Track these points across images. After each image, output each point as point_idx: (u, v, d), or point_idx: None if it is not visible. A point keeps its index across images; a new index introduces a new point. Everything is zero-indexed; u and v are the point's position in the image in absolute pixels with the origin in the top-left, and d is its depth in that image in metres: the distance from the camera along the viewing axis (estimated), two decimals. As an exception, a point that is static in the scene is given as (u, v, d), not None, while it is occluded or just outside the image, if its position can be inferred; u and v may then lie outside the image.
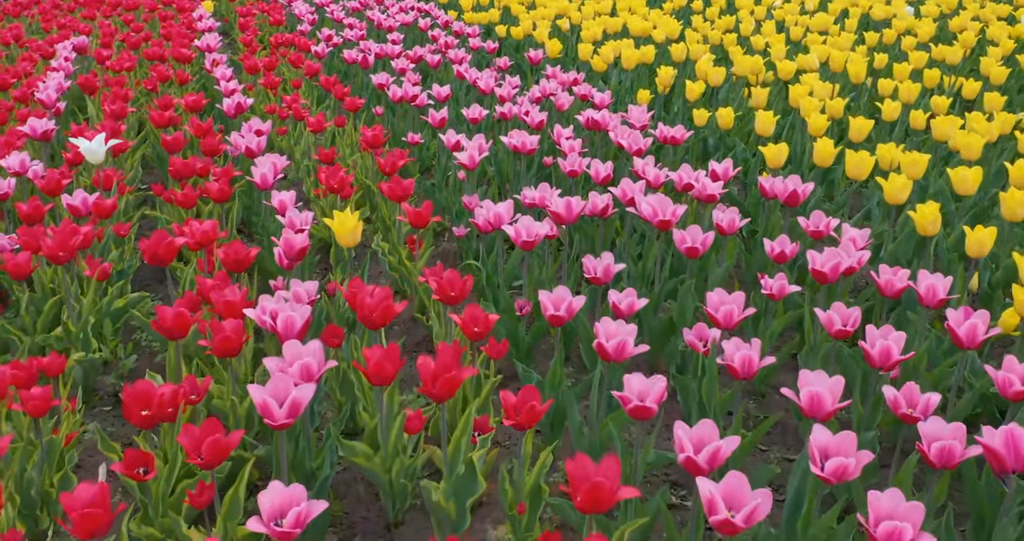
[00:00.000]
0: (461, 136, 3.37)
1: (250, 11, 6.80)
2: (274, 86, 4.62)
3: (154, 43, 5.48)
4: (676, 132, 3.33)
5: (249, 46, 5.55)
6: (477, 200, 3.09)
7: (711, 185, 2.73)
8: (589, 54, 4.60)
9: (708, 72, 4.01)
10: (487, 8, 6.87)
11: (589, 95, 4.05)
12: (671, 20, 5.38)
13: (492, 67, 5.17)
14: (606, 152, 3.72)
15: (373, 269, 3.33)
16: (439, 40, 5.53)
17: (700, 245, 2.31)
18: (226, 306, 2.13)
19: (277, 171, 3.04)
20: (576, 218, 2.52)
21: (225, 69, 4.55)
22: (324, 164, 3.60)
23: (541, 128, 3.67)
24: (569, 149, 3.29)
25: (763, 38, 4.82)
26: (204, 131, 3.67)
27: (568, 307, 2.00)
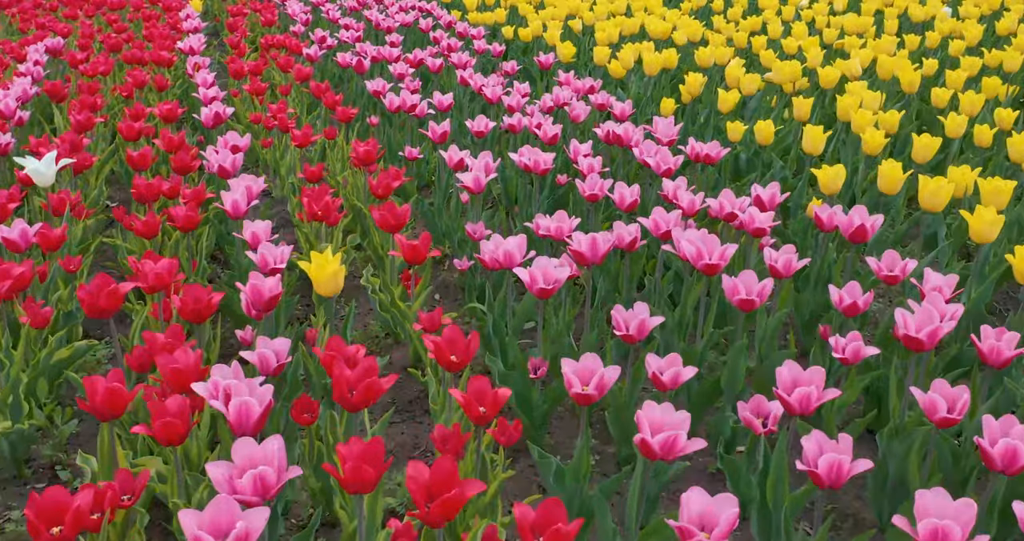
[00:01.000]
0: (465, 153, 2.96)
1: (242, 10, 6.40)
2: (260, 93, 4.22)
3: (135, 45, 5.07)
4: (710, 149, 2.92)
5: (236, 48, 5.14)
6: (483, 228, 2.68)
7: (760, 216, 2.32)
8: (606, 58, 4.19)
9: (740, 79, 3.60)
10: (492, 8, 6.46)
11: (608, 104, 3.64)
12: (692, 21, 4.96)
13: (498, 72, 4.76)
14: (629, 171, 3.31)
15: (363, 305, 2.92)
16: (441, 42, 5.12)
17: (756, 296, 1.90)
18: (173, 376, 1.73)
19: (252, 196, 2.63)
20: (603, 259, 2.11)
21: (207, 74, 4.14)
22: (309, 183, 3.20)
23: (555, 143, 3.26)
24: (588, 169, 2.88)
25: (795, 41, 4.40)
26: (176, 145, 3.27)
27: (599, 383, 1.59)
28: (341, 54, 4.51)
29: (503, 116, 3.81)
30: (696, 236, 2.14)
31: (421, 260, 2.37)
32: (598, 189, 2.70)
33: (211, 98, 3.79)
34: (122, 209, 2.96)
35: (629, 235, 2.35)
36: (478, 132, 3.34)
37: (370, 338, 2.72)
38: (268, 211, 3.80)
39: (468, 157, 2.91)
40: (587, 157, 2.97)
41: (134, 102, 4.35)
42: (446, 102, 3.69)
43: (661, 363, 1.72)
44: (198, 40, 4.88)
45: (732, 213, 2.43)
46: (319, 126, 4.15)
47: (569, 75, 4.01)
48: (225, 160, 2.86)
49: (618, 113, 3.49)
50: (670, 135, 3.16)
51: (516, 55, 5.63)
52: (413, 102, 3.59)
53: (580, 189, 2.71)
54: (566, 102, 3.66)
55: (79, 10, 6.39)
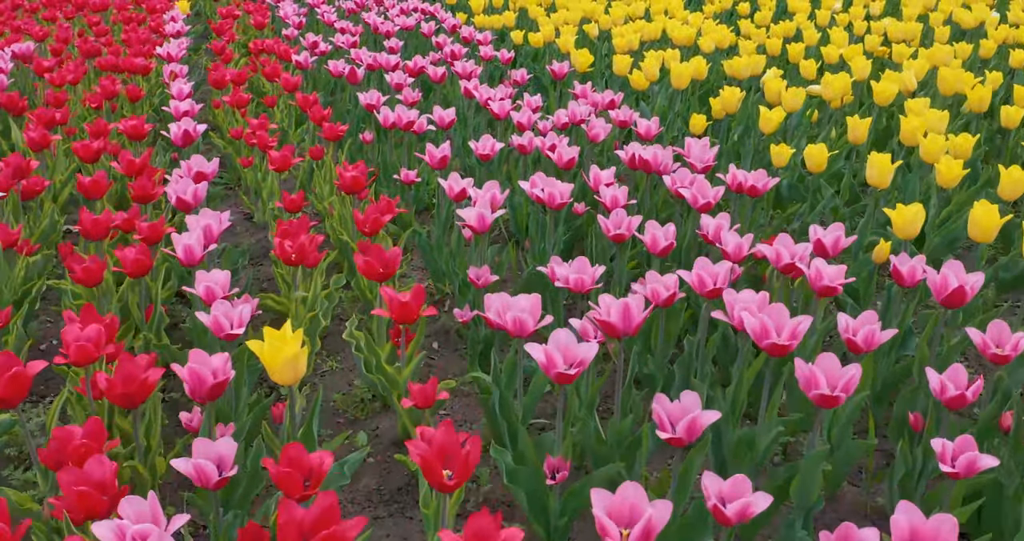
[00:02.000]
0: (467, 183, 2.53)
1: (232, 12, 5.98)
2: (242, 105, 3.80)
3: (111, 50, 4.66)
4: (756, 179, 2.49)
5: (221, 54, 4.72)
6: (488, 273, 2.26)
7: (828, 271, 1.89)
8: (626, 68, 3.76)
9: (782, 94, 3.16)
10: (501, 10, 6.03)
11: (630, 121, 3.21)
12: (720, 26, 4.53)
13: (506, 81, 4.34)
14: (657, 200, 2.87)
15: (346, 360, 2.49)
16: (444, 48, 4.69)
17: (841, 391, 1.46)
18: (80, 501, 1.31)
19: (212, 237, 2.20)
20: (638, 329, 1.68)
21: (183, 84, 3.73)
22: (288, 213, 2.78)
23: (571, 167, 2.83)
24: (612, 202, 2.45)
25: (836, 49, 3.96)
26: (137, 168, 2.85)
27: (645, 529, 1.16)
28: (333, 62, 4.09)
29: (511, 134, 3.40)
30: (754, 300, 1.71)
31: (412, 319, 1.94)
32: (625, 228, 2.27)
33: (183, 112, 3.37)
34: (69, 246, 2.54)
35: (666, 290, 1.92)
36: (483, 156, 2.92)
37: (354, 403, 2.29)
38: (249, 238, 3.38)
39: (471, 188, 2.48)
40: (610, 186, 2.55)
41: (103, 115, 3.93)
42: (447, 118, 3.26)
43: (723, 487, 1.30)
44: (178, 45, 4.46)
45: (791, 265, 2.00)
46: (308, 142, 3.74)
47: (586, 87, 3.58)
48: (186, 190, 2.44)
49: (643, 132, 3.06)
50: (705, 160, 2.72)
51: (526, 62, 5.20)
52: (409, 119, 3.17)
53: (603, 227, 2.29)
54: (583, 119, 3.23)
55: (59, 12, 5.98)
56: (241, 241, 3.35)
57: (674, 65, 3.31)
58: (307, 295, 2.30)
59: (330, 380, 2.41)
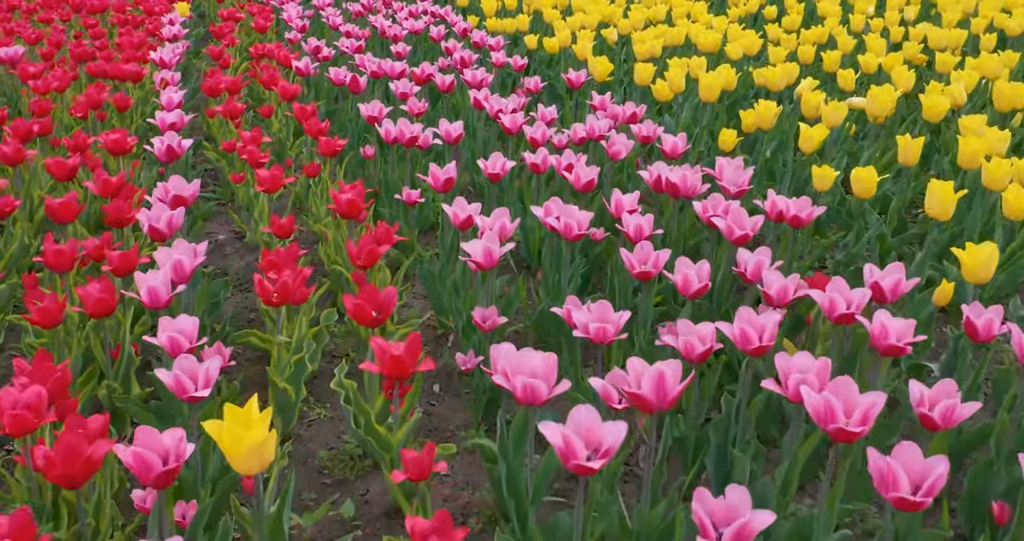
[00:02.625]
0: (475, 209, 2.27)
1: (235, 14, 5.73)
2: (236, 115, 3.54)
3: (102, 56, 4.42)
4: (799, 207, 2.21)
5: (219, 59, 4.47)
6: (495, 315, 1.99)
7: (896, 327, 1.61)
8: (648, 77, 3.49)
9: (821, 108, 2.88)
10: (514, 14, 5.76)
11: (654, 137, 2.94)
12: (747, 32, 4.25)
13: (519, 89, 4.07)
14: (684, 226, 2.60)
15: (336, 408, 2.23)
16: (454, 53, 4.43)
17: (925, 495, 1.19)
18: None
19: (185, 273, 1.94)
20: (673, 403, 1.40)
21: (174, 92, 3.48)
22: (278, 240, 2.52)
23: (590, 190, 2.56)
24: (636, 233, 2.18)
25: (874, 57, 3.68)
26: (113, 189, 2.60)
27: None
28: (335, 69, 3.83)
29: (524, 149, 3.14)
30: (813, 367, 1.43)
31: (406, 375, 1.68)
32: (652, 264, 2.00)
33: (168, 125, 3.11)
34: (33, 277, 2.28)
35: (702, 344, 1.65)
36: (493, 175, 2.65)
37: (342, 461, 2.03)
38: (239, 260, 3.13)
39: (478, 216, 2.22)
40: (633, 213, 2.28)
41: (87, 126, 3.69)
42: (454, 133, 3.00)
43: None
44: (172, 51, 4.21)
45: (849, 314, 1.72)
46: (306, 156, 3.48)
47: (605, 98, 3.31)
48: (159, 218, 2.18)
49: (668, 150, 2.79)
50: (739, 183, 2.45)
51: (540, 68, 4.93)
52: (413, 134, 2.90)
53: (627, 263, 2.02)
54: (602, 134, 2.96)
55: (55, 14, 5.75)
56: (230, 263, 3.10)
57: (701, 75, 3.03)
58: (290, 340, 2.04)
59: (317, 431, 2.15)
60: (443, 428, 2.16)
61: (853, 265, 2.48)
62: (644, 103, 3.81)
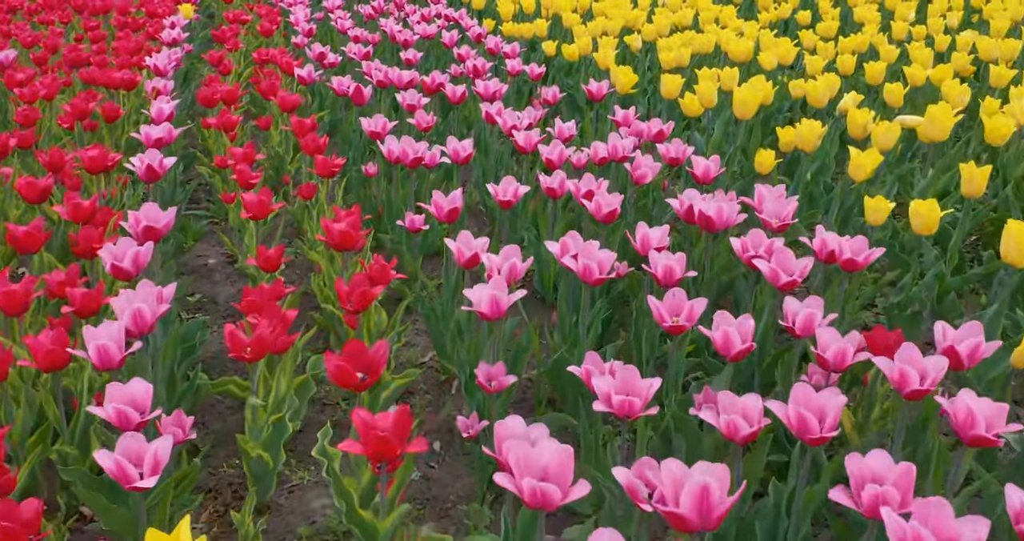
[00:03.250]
0: (481, 245, 2.00)
1: (240, 16, 5.49)
2: (230, 127, 3.29)
3: (97, 61, 4.18)
4: (855, 248, 1.92)
5: (219, 65, 4.23)
6: (502, 372, 1.73)
7: (985, 412, 1.32)
8: (676, 89, 3.20)
9: (870, 128, 2.59)
10: (532, 17, 5.49)
11: (683, 158, 2.66)
12: (781, 40, 3.95)
13: (536, 99, 3.80)
14: (717, 261, 2.32)
15: (320, 472, 1.96)
16: (466, 61, 4.17)
17: None
18: None
19: (145, 323, 1.68)
20: (719, 522, 1.12)
21: (164, 103, 3.23)
22: (264, 274, 2.27)
23: (612, 221, 2.28)
24: (665, 274, 1.90)
25: (921, 70, 3.38)
26: (85, 215, 2.35)
27: None
28: (338, 78, 3.57)
29: (539, 169, 2.88)
30: (893, 474, 1.16)
31: (393, 455, 1.41)
32: (685, 318, 1.73)
33: (154, 140, 2.86)
34: (-15, 315, 2.03)
35: (748, 425, 1.37)
36: (504, 202, 2.38)
37: (325, 539, 1.77)
38: (229, 288, 2.88)
39: (485, 253, 1.95)
40: (661, 251, 2.00)
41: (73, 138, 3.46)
42: (463, 152, 2.73)
43: None
44: (167, 57, 3.96)
45: (922, 391, 1.44)
46: (306, 174, 3.22)
47: (628, 113, 3.03)
48: (123, 255, 1.92)
49: (700, 174, 2.51)
50: (783, 215, 2.17)
51: (559, 76, 4.66)
52: (417, 153, 2.63)
53: (656, 313, 1.74)
54: (626, 155, 2.68)
55: (55, 15, 5.53)
56: (219, 291, 2.84)
57: (735, 89, 2.74)
58: (265, 404, 1.78)
59: (299, 500, 1.88)
60: (442, 497, 1.89)
61: (908, 308, 2.20)
62: (671, 117, 3.53)
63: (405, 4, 5.70)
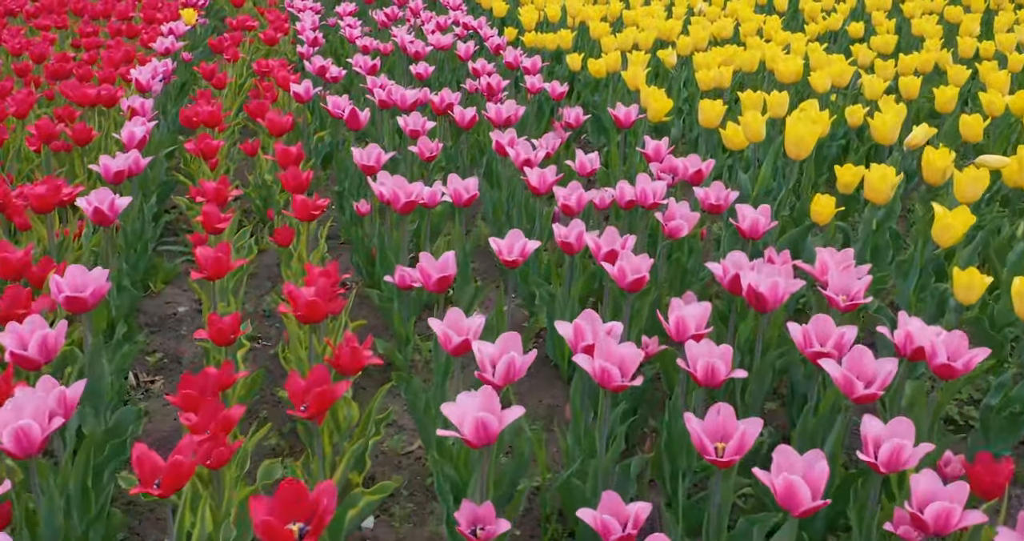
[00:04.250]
0: (474, 329, 1.59)
1: (245, 22, 5.13)
2: (211, 154, 2.92)
3: (80, 73, 3.83)
4: (955, 351, 1.49)
5: (212, 79, 3.86)
6: (491, 516, 1.32)
7: None
8: (716, 118, 2.78)
9: (951, 173, 2.15)
10: (557, 27, 5.07)
11: (725, 206, 2.24)
12: (834, 57, 3.51)
13: (557, 121, 3.39)
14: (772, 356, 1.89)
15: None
16: (481, 76, 3.77)
17: None
18: None
19: (33, 446, 1.29)
20: None
21: (138, 126, 2.86)
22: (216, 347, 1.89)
23: (638, 289, 1.87)
24: (706, 375, 1.49)
25: (999, 96, 2.92)
26: (13, 270, 1.97)
27: None
28: (334, 98, 3.18)
29: (556, 207, 2.49)
30: None
31: None
32: (734, 449, 1.31)
33: (113, 174, 2.49)
34: None
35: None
36: (510, 262, 1.97)
37: None
38: (193, 347, 2.50)
39: (477, 342, 1.54)
40: (700, 338, 1.59)
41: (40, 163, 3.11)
42: (466, 194, 2.32)
43: None
44: (152, 71, 3.60)
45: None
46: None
47: (660, 146, 2.61)
48: (27, 341, 1.53)
49: (747, 228, 2.08)
50: (853, 292, 1.74)
51: (584, 92, 4.25)
52: (410, 199, 2.23)
53: (696, 440, 1.32)
54: (656, 202, 2.26)
55: (50, 21, 5.19)
56: (185, 348, 2.47)
57: (790, 124, 2.31)
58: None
59: None
60: None
61: (1007, 410, 1.76)
62: (710, 145, 3.10)
63: (421, 10, 5.31)
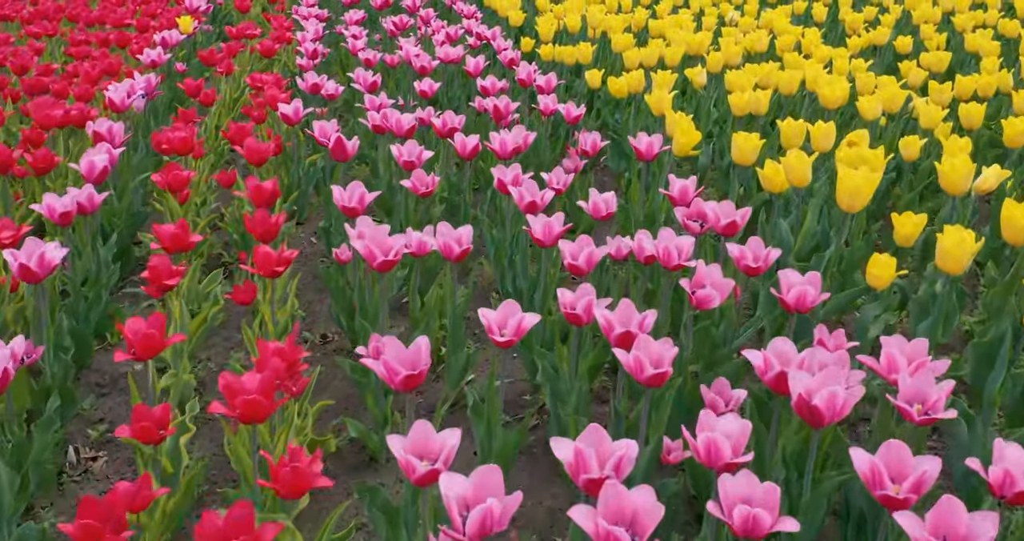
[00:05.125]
0: (448, 449, 1.24)
1: (246, 30, 4.81)
2: (179, 187, 2.59)
3: (57, 89, 3.53)
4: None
5: (197, 95, 3.54)
6: None
7: None
8: (752, 155, 2.41)
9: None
10: (576, 39, 4.71)
11: (766, 267, 1.87)
12: (886, 79, 3.13)
13: (572, 148, 3.04)
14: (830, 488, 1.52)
15: None
16: (491, 94, 3.43)
17: None
18: None
19: None
20: None
21: (98, 155, 2.55)
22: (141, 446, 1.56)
23: (660, 384, 1.51)
24: (745, 525, 1.13)
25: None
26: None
27: None
28: (320, 124, 2.85)
29: (561, 266, 2.15)
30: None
31: None
32: None
33: (59, 216, 2.17)
34: None
35: None
36: (503, 343, 1.62)
37: None
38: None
39: (449, 479, 1.19)
40: (736, 469, 1.24)
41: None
42: (458, 248, 1.97)
43: None
44: (130, 88, 3.28)
45: None
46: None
47: (687, 187, 2.25)
48: None
49: (792, 301, 1.72)
50: (931, 402, 1.37)
51: (605, 110, 3.89)
52: (386, 258, 1.88)
53: None
54: (681, 263, 1.90)
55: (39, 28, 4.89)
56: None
57: (843, 174, 1.92)
58: None
59: None
60: None
61: None
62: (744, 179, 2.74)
63: (432, 19, 4.97)
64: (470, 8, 5.19)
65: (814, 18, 5.08)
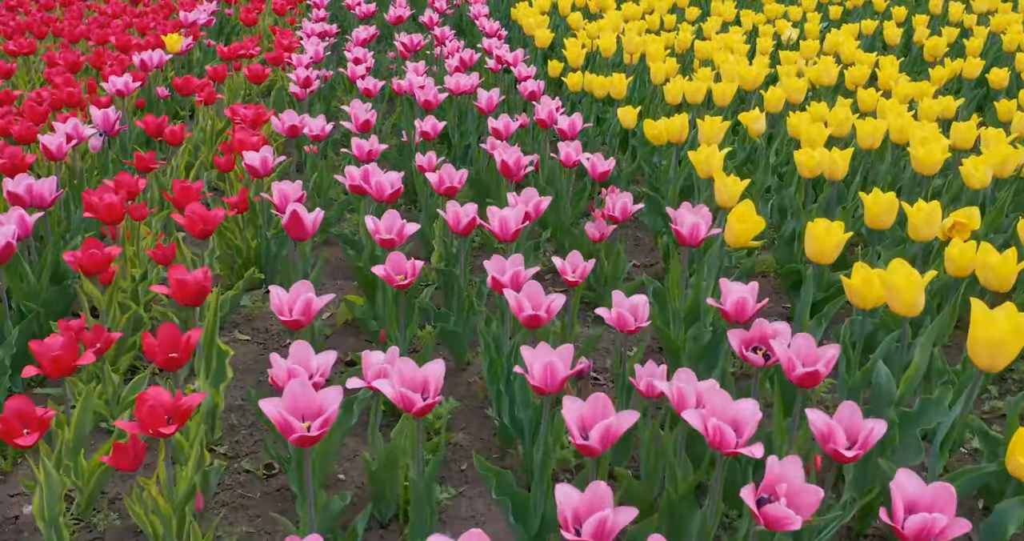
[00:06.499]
0: None
1: (241, 49, 4.29)
2: (94, 269, 2.05)
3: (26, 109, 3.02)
4: None
5: (158, 135, 3.02)
6: None
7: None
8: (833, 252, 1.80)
9: None
10: (610, 65, 4.11)
11: (862, 451, 1.28)
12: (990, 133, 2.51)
13: (598, 210, 2.45)
14: None
15: None
16: (503, 138, 2.87)
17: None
18: None
19: None
20: None
21: (5, 227, 2.03)
22: None
23: None
24: None
25: None
26: None
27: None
28: (281, 185, 2.29)
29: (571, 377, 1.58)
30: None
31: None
32: None
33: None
34: None
35: None
36: None
37: None
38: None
39: None
40: None
41: None
42: (420, 403, 1.40)
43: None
44: (73, 129, 2.75)
45: None
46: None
47: (747, 298, 1.65)
48: None
49: (911, 536, 1.12)
50: None
51: (642, 154, 3.30)
52: (315, 434, 1.31)
53: None
54: (739, 446, 1.31)
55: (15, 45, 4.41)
56: None
57: (981, 316, 1.31)
58: None
59: None
60: None
61: None
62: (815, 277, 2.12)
63: (449, 39, 4.41)
64: (493, 26, 4.62)
65: (886, 39, 4.44)
